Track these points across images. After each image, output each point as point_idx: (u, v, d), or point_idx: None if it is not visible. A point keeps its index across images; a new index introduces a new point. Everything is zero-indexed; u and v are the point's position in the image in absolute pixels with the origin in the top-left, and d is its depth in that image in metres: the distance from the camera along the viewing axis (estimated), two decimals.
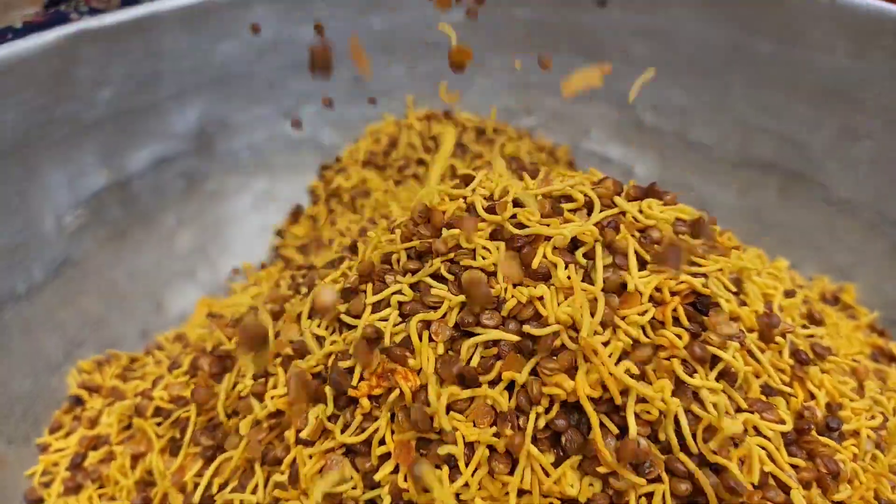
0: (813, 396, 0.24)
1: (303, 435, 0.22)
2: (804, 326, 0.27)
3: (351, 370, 0.23)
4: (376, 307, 0.24)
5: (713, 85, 0.49)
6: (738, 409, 0.22)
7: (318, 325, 0.24)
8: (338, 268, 0.28)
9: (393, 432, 0.22)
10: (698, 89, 0.49)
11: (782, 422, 0.22)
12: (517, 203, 0.25)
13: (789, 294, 0.29)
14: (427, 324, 0.23)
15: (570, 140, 0.54)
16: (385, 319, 0.23)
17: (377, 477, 0.22)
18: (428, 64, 0.53)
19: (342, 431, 0.23)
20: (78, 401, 0.36)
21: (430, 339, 0.22)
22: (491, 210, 0.25)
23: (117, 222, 0.44)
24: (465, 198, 0.26)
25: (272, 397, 0.24)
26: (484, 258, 0.23)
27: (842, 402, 0.24)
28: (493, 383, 0.22)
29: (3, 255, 0.37)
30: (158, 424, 0.28)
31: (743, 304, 0.25)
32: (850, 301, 0.42)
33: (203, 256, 0.47)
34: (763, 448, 0.22)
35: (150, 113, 0.45)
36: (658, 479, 0.21)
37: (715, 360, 0.23)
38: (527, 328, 0.22)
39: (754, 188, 0.48)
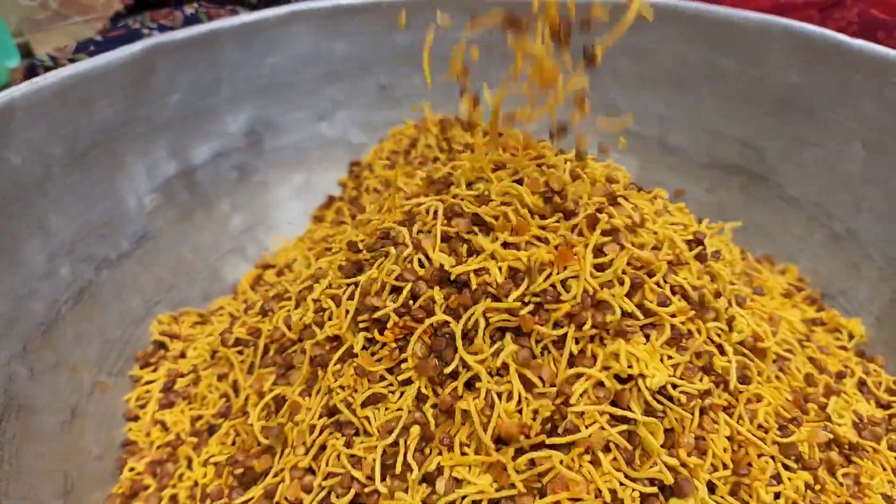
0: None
1: (355, 350, 0.31)
2: (731, 283, 0.35)
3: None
4: None
5: (687, 97, 0.57)
6: None
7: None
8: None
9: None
10: (674, 101, 0.58)
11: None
12: None
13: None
14: None
15: (566, 143, 0.62)
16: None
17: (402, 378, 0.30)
18: (443, 75, 0.62)
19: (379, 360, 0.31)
20: (160, 345, 0.45)
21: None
22: None
23: (184, 205, 0.52)
24: None
25: (329, 326, 0.33)
26: None
27: (756, 335, 0.33)
28: None
29: (99, 229, 0.46)
30: (239, 353, 0.37)
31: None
32: (792, 279, 0.50)
33: (252, 236, 0.55)
34: None
35: (210, 115, 0.54)
36: None
37: None
38: None
39: (720, 186, 0.56)
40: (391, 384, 0.31)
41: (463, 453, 0.29)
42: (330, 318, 0.33)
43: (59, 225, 0.43)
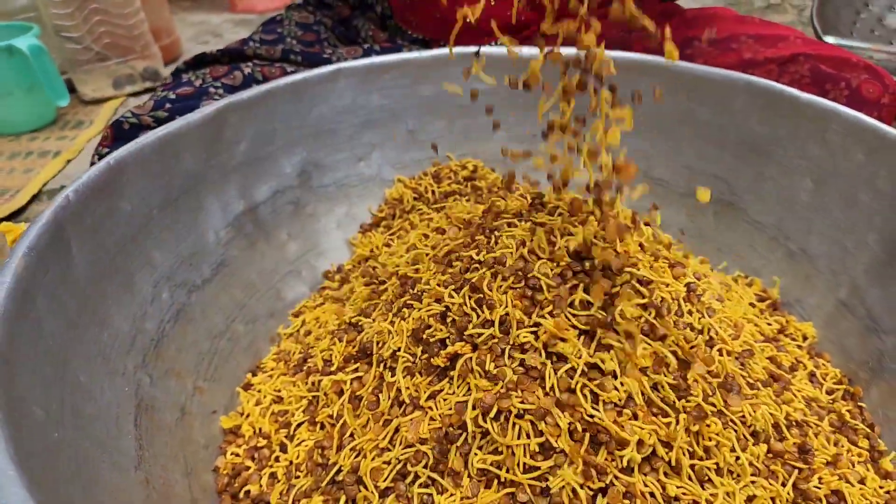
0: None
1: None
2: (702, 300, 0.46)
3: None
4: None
5: (668, 139, 0.68)
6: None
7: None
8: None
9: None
10: (658, 142, 0.68)
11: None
12: None
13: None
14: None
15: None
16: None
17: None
18: (461, 120, 0.72)
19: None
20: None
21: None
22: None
23: (250, 236, 0.62)
24: None
25: (392, 343, 0.43)
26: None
27: (721, 338, 0.43)
28: None
29: (187, 259, 0.56)
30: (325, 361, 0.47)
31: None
32: (757, 290, 0.61)
33: (305, 261, 0.65)
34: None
35: (269, 159, 0.64)
36: None
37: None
38: None
39: (697, 213, 0.67)
40: (449, 381, 0.41)
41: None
42: (391, 336, 0.43)
43: (160, 259, 0.53)
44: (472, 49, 0.70)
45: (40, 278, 0.41)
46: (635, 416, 0.38)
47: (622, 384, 0.38)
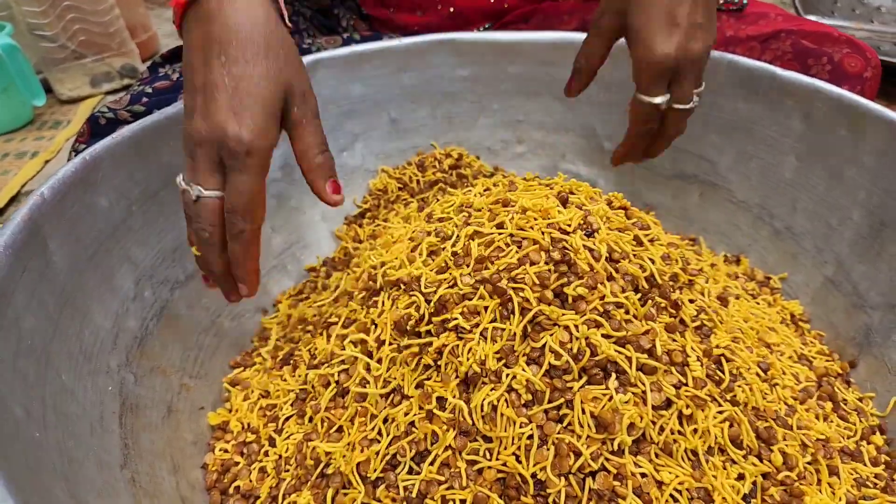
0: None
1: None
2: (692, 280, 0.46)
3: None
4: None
5: None
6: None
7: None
8: None
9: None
10: None
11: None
12: None
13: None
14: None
15: (551, 162, 0.72)
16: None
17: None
18: (444, 108, 0.71)
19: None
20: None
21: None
22: None
23: None
24: None
25: (376, 333, 0.42)
26: None
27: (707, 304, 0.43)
28: None
29: (170, 255, 0.55)
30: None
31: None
32: (744, 270, 0.61)
33: (290, 254, 0.64)
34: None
35: None
36: None
37: None
38: None
39: (682, 193, 0.67)
40: (437, 370, 0.40)
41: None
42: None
43: (141, 255, 0.52)
44: (457, 35, 0.69)
45: (17, 277, 0.40)
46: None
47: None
